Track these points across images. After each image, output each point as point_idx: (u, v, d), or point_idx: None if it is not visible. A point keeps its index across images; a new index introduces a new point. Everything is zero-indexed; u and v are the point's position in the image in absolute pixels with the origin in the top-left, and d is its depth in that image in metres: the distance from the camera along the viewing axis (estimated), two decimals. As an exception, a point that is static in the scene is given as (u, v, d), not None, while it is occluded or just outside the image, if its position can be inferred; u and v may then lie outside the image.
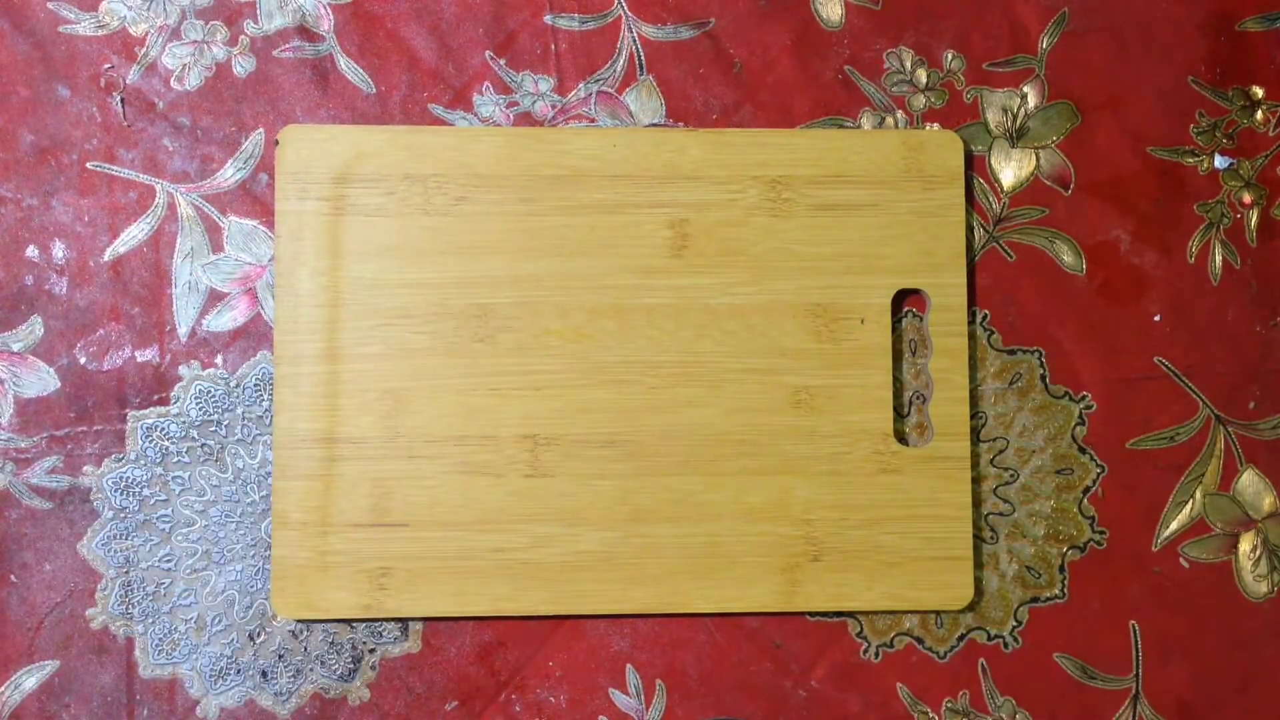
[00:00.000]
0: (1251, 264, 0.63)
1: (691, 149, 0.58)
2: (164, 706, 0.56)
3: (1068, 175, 0.62)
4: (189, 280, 0.58)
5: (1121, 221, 0.62)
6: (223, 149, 0.59)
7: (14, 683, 0.56)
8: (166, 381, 0.57)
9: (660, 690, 0.58)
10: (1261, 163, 0.63)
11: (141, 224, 0.58)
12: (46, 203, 0.58)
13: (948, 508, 0.58)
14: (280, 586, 0.56)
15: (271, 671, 0.57)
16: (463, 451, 0.57)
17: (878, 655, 0.59)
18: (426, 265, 0.57)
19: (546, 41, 0.61)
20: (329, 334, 0.56)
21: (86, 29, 0.59)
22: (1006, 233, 0.62)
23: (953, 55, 0.62)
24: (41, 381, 0.57)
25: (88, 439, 0.57)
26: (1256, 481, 0.62)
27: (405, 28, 0.60)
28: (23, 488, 0.56)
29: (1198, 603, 0.61)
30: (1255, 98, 0.64)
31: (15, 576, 0.56)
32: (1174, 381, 0.62)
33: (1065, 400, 0.61)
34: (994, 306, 0.61)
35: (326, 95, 0.59)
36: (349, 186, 0.57)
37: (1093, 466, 0.61)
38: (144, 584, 0.57)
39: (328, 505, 0.56)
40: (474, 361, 0.57)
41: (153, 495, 0.57)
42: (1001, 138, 0.62)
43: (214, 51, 0.59)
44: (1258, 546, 0.62)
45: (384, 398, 0.57)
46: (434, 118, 0.60)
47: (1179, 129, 0.63)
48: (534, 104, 0.60)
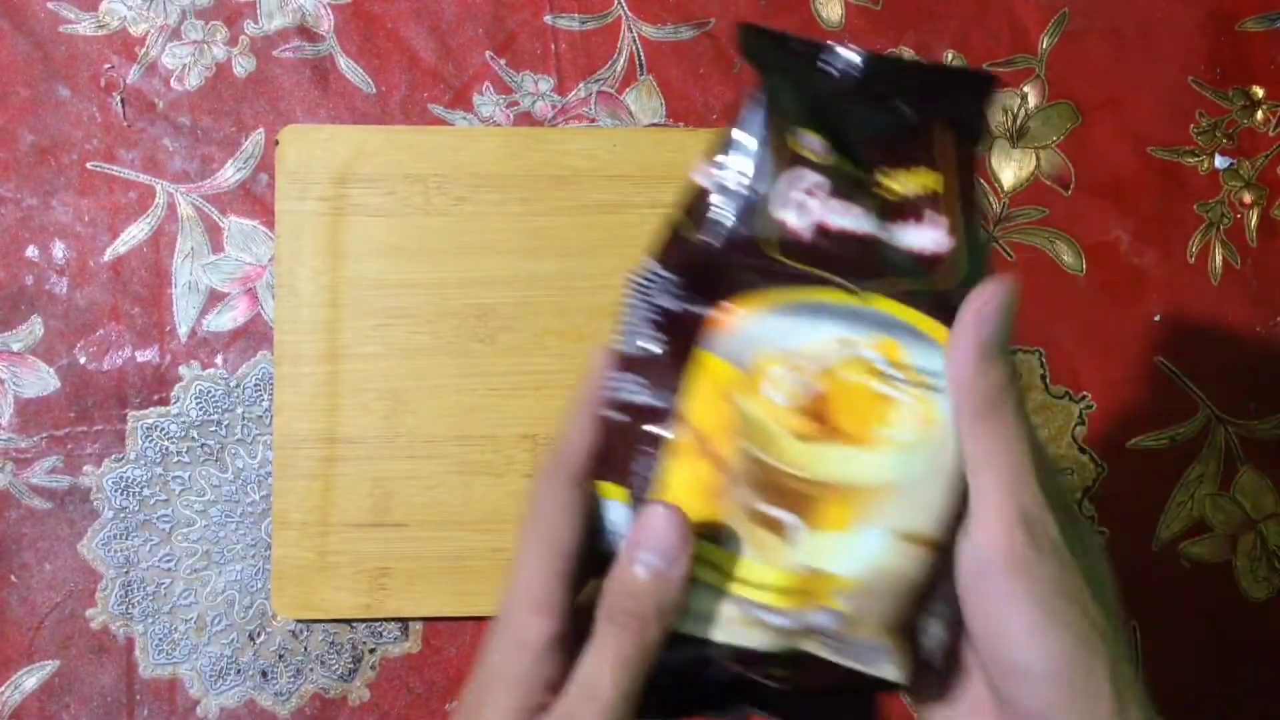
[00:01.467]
0: (1251, 264, 0.63)
1: (691, 149, 0.58)
2: (164, 706, 0.56)
3: (1068, 175, 0.62)
4: (189, 280, 0.58)
5: (1121, 221, 0.62)
6: (223, 149, 0.59)
7: (14, 683, 0.56)
8: (166, 381, 0.57)
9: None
10: (1261, 163, 0.63)
11: (141, 224, 0.58)
12: (46, 203, 0.58)
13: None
14: (280, 586, 0.56)
15: (271, 671, 0.57)
16: (463, 451, 0.57)
17: (878, 655, 0.59)
18: (426, 265, 0.57)
19: (546, 41, 0.61)
20: (329, 334, 0.56)
21: (86, 29, 0.59)
22: (1006, 233, 0.62)
23: (953, 55, 0.62)
24: (41, 381, 0.57)
25: (88, 439, 0.57)
26: (1256, 481, 0.62)
27: (405, 28, 0.60)
28: (23, 488, 0.56)
29: (1198, 603, 0.61)
30: (1255, 98, 0.64)
31: (15, 576, 0.56)
32: (1174, 381, 0.62)
33: (1065, 400, 0.61)
34: (994, 306, 0.61)
35: (326, 95, 0.59)
36: (349, 186, 0.57)
37: (1093, 466, 0.61)
38: (144, 584, 0.57)
39: (328, 505, 0.56)
40: (474, 361, 0.57)
41: (153, 495, 0.57)
42: (1001, 138, 0.62)
43: (214, 51, 0.59)
44: (1257, 547, 0.62)
45: (384, 398, 0.56)
46: (434, 118, 0.60)
47: (1179, 129, 0.63)
48: (534, 104, 0.60)
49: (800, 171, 0.30)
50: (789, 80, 0.30)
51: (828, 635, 0.29)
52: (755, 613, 0.28)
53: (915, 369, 0.29)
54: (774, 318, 0.29)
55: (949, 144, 0.30)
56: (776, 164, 0.30)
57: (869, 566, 0.28)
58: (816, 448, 0.29)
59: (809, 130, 0.30)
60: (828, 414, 0.29)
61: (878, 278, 0.29)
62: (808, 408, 0.29)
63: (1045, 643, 0.26)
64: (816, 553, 0.28)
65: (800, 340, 0.29)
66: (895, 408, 0.29)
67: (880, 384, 0.29)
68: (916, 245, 0.30)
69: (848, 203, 0.30)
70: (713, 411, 0.29)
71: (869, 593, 0.28)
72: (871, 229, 0.30)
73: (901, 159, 0.30)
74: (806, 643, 0.29)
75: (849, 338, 0.29)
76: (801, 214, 0.29)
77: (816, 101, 0.30)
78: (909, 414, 0.29)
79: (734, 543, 0.28)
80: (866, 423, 0.29)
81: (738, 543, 0.28)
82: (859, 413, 0.29)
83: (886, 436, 0.29)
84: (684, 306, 0.30)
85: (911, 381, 0.29)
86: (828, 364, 0.29)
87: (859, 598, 0.28)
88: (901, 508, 0.28)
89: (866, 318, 0.29)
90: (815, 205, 0.29)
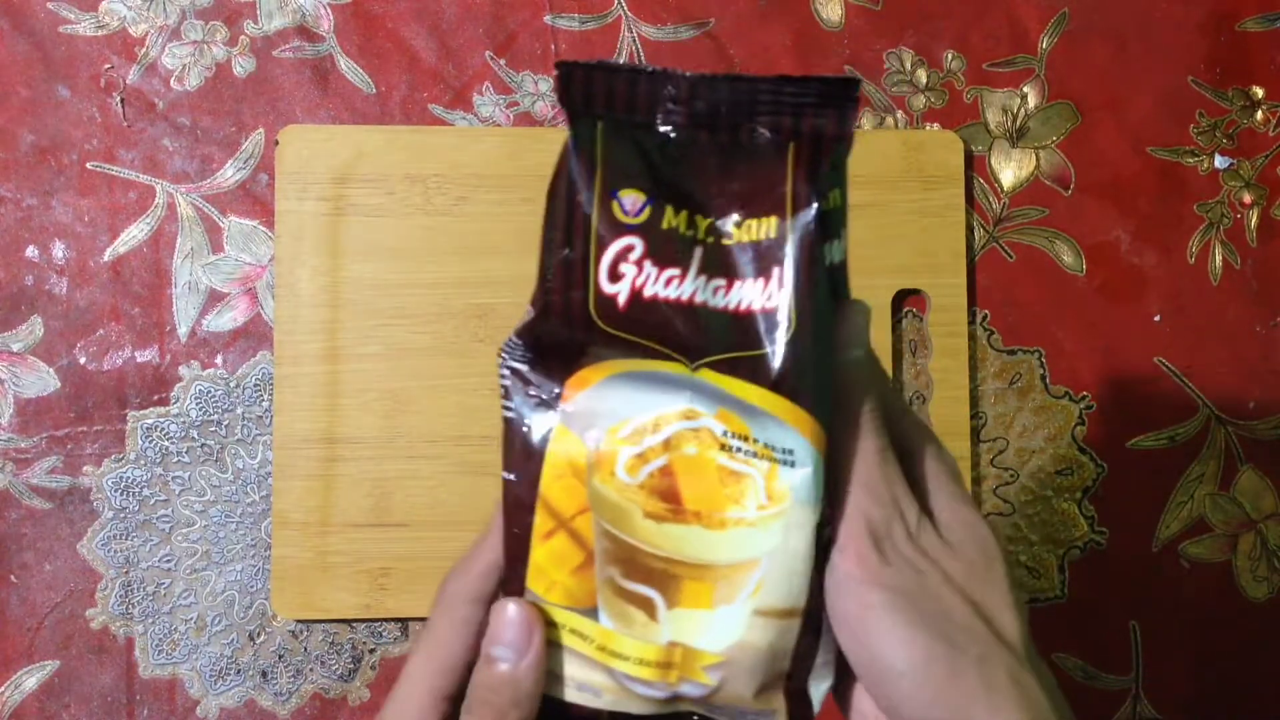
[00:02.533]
0: (1251, 264, 0.63)
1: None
2: (164, 706, 0.56)
3: (1068, 175, 0.62)
4: (189, 280, 0.58)
5: (1121, 221, 0.62)
6: (223, 149, 0.59)
7: (14, 683, 0.56)
8: (166, 381, 0.57)
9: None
10: (1261, 163, 0.63)
11: (141, 224, 0.58)
12: (46, 203, 0.58)
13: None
14: (280, 586, 0.56)
15: (271, 671, 0.57)
16: (462, 452, 0.57)
17: (878, 655, 0.59)
18: (426, 265, 0.57)
19: (546, 41, 0.61)
20: (329, 334, 0.56)
21: (86, 29, 0.59)
22: (1006, 233, 0.62)
23: (953, 55, 0.62)
24: (41, 381, 0.57)
25: (88, 439, 0.57)
26: (1256, 481, 0.62)
27: (405, 28, 0.60)
28: (23, 488, 0.56)
29: (1198, 603, 0.61)
30: (1255, 98, 0.64)
31: (15, 576, 0.56)
32: (1174, 381, 0.62)
33: (1065, 400, 0.61)
34: (994, 306, 0.61)
35: (326, 95, 0.59)
36: (349, 186, 0.57)
37: (1093, 466, 0.61)
38: (144, 584, 0.57)
39: (328, 505, 0.56)
40: (474, 361, 0.57)
41: (153, 495, 0.57)
42: (1001, 138, 0.62)
43: (214, 52, 0.59)
44: (1257, 547, 0.62)
45: (384, 398, 0.56)
46: (434, 118, 0.60)
47: (1179, 129, 0.63)
48: (534, 104, 0.60)
49: (619, 236, 0.28)
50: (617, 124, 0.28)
51: (700, 702, 0.29)
52: (628, 684, 0.29)
53: (759, 441, 0.28)
54: (617, 390, 0.28)
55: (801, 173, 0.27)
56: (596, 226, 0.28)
57: (733, 643, 0.28)
58: (669, 528, 0.28)
59: (629, 189, 0.28)
60: (677, 493, 0.28)
61: (702, 347, 0.28)
62: (657, 487, 0.28)
63: (904, 643, 0.27)
64: (680, 629, 0.28)
65: (644, 414, 0.28)
66: (743, 483, 0.28)
67: (726, 458, 0.28)
68: (742, 304, 0.28)
69: (669, 267, 0.28)
70: (568, 491, 0.29)
71: (736, 665, 0.28)
72: (691, 293, 0.28)
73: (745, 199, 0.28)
74: (684, 706, 0.29)
75: (691, 409, 0.28)
76: (618, 283, 0.28)
77: (646, 146, 0.28)
78: (757, 489, 0.28)
79: (603, 617, 0.29)
80: (716, 502, 0.28)
81: (606, 617, 0.29)
82: (707, 491, 0.28)
83: (737, 516, 0.28)
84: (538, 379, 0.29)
85: (758, 454, 0.28)
86: (672, 438, 0.28)
87: (726, 669, 0.28)
88: (760, 585, 0.28)
89: (703, 389, 0.28)
90: (631, 272, 0.28)
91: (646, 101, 0.28)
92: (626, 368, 0.28)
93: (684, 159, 0.28)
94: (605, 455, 0.28)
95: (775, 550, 0.28)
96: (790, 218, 0.27)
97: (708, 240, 0.28)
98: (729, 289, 0.28)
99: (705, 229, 0.28)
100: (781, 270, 0.27)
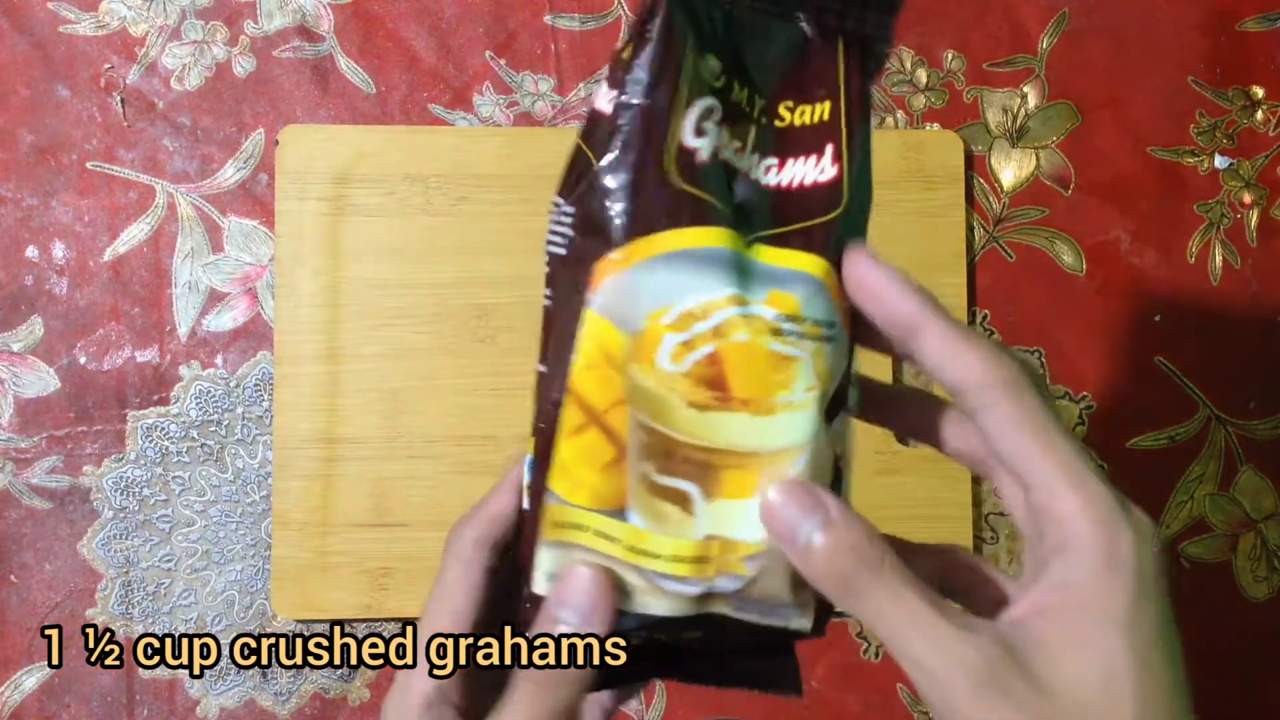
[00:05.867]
0: (1251, 264, 0.63)
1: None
2: (164, 706, 0.56)
3: (1068, 175, 0.62)
4: (189, 280, 0.58)
5: (1121, 221, 0.62)
6: (223, 149, 0.59)
7: (14, 683, 0.56)
8: (166, 381, 0.57)
9: (660, 691, 0.58)
10: (1261, 163, 0.63)
11: (141, 224, 0.58)
12: (46, 203, 0.58)
13: (948, 508, 0.58)
14: (280, 586, 0.56)
15: (271, 671, 0.57)
16: (462, 452, 0.57)
17: (878, 655, 0.59)
18: (426, 265, 0.57)
19: (546, 41, 0.61)
20: (329, 334, 0.56)
21: (86, 29, 0.59)
22: (1006, 233, 0.62)
23: (953, 55, 0.62)
24: (41, 381, 0.57)
25: (88, 439, 0.57)
26: (1256, 481, 0.62)
27: (405, 28, 0.60)
28: (23, 488, 0.56)
29: (1198, 603, 0.61)
30: (1255, 98, 0.64)
31: (15, 576, 0.56)
32: (1174, 381, 0.62)
33: (1065, 400, 0.61)
34: (994, 306, 0.61)
35: (326, 95, 0.59)
36: (349, 186, 0.57)
37: (1093, 466, 0.61)
38: (144, 584, 0.57)
39: (328, 505, 0.56)
40: (474, 361, 0.57)
41: (153, 495, 0.57)
42: (1001, 138, 0.62)
43: (214, 51, 0.59)
44: (1257, 547, 0.62)
45: (384, 398, 0.56)
46: (434, 118, 0.60)
47: (1179, 129, 0.63)
48: (534, 104, 0.60)
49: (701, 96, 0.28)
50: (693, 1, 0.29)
51: (734, 597, 0.29)
52: (660, 582, 0.28)
53: (809, 320, 0.28)
54: (663, 270, 0.27)
55: (853, 63, 0.29)
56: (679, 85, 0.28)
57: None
58: (714, 416, 0.27)
59: (710, 54, 0.28)
60: (724, 380, 0.27)
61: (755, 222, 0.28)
62: (702, 375, 0.27)
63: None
64: (718, 521, 0.28)
65: (691, 298, 0.27)
66: (791, 367, 0.28)
67: (775, 342, 0.28)
68: (794, 181, 0.29)
69: (735, 139, 0.29)
70: (601, 382, 0.28)
71: (773, 554, 0.28)
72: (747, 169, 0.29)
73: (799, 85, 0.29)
74: (715, 605, 0.29)
75: (740, 295, 0.28)
76: (701, 138, 0.28)
77: (719, 22, 0.29)
78: (805, 371, 0.28)
79: (633, 516, 0.28)
80: (765, 389, 0.28)
81: (637, 516, 0.28)
82: (756, 378, 0.27)
83: (785, 400, 0.28)
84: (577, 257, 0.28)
85: (807, 335, 0.28)
86: (720, 324, 0.27)
87: (765, 559, 0.28)
88: (802, 468, 0.28)
89: (755, 269, 0.28)
90: (712, 132, 0.28)
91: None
92: (673, 245, 0.27)
93: (744, 39, 0.29)
94: (647, 342, 0.27)
95: (818, 432, 0.28)
96: (844, 103, 0.29)
97: (761, 120, 0.29)
98: (780, 168, 0.29)
99: (760, 110, 0.29)
100: (836, 147, 0.29)
